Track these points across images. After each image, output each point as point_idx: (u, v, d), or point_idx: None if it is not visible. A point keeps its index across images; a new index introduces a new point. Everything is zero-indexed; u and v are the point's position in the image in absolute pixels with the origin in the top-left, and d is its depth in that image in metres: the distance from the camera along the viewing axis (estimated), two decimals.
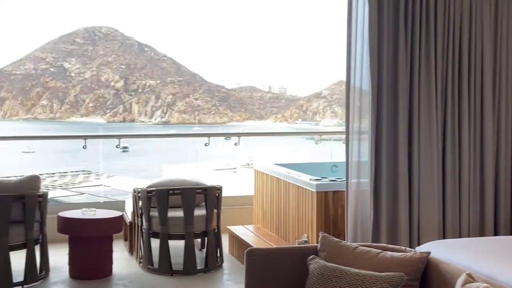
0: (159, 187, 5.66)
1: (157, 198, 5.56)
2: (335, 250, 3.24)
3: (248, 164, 25.29)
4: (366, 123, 4.84)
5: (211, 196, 5.66)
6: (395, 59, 4.83)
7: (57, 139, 14.35)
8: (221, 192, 5.82)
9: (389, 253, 3.14)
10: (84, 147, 6.89)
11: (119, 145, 7.15)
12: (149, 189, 5.68)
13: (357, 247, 3.23)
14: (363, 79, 4.84)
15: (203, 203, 5.73)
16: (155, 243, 5.64)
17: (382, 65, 4.80)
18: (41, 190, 5.52)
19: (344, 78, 4.93)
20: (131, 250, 6.22)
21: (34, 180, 5.49)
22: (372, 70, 4.74)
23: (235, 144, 7.26)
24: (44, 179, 34.28)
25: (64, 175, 30.93)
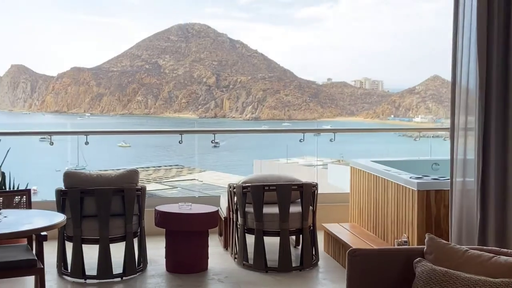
0: (255, 183, 5.61)
1: (252, 194, 5.51)
2: (443, 253, 3.06)
3: (339, 161, 24.99)
4: (472, 120, 4.59)
5: (306, 193, 5.56)
6: (506, 52, 4.54)
7: (154, 133, 14.75)
8: (316, 189, 5.70)
9: (503, 257, 2.93)
10: (180, 142, 6.97)
11: (214, 140, 7.21)
12: (244, 184, 5.63)
13: (467, 250, 3.04)
14: (470, 74, 4.59)
15: (298, 200, 5.63)
16: (250, 239, 5.60)
17: (492, 59, 4.53)
18: (139, 184, 5.60)
19: (440, 73, 4.67)
20: (226, 245, 6.22)
21: (132, 174, 5.58)
22: (480, 64, 4.49)
23: (331, 140, 7.10)
24: (139, 173, 35.35)
25: (158, 169, 31.78)
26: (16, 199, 5.08)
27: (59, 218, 4.37)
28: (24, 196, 5.11)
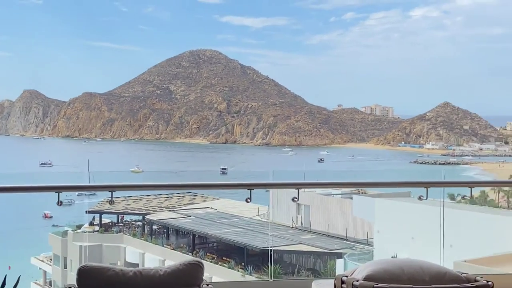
0: (394, 283, 3.64)
1: None
2: None
3: (358, 191, 24.75)
4: None
5: None
6: None
7: (219, 188, 10.08)
8: None
9: None
10: (248, 199, 5.70)
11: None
12: (375, 285, 3.66)
13: None
14: None
15: None
16: None
17: None
18: (204, 282, 3.63)
19: (450, 100, 4.45)
20: None
21: (194, 270, 3.59)
22: None
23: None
24: (151, 200, 35.32)
25: (171, 196, 31.65)
26: None
27: None
28: None
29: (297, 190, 5.14)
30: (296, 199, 5.12)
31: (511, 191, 38.50)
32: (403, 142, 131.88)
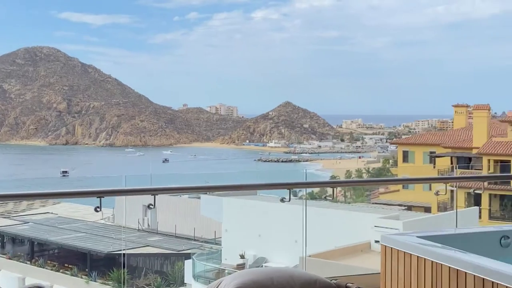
0: None
1: None
2: None
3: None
4: None
5: None
6: None
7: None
8: None
9: None
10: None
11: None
12: None
13: None
14: None
15: None
16: None
17: None
18: None
19: (291, 100, 4.25)
20: None
21: None
22: None
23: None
24: None
25: (6, 202, 29.57)
26: None
27: None
28: None
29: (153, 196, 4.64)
30: (152, 206, 4.61)
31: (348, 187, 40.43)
32: (247, 141, 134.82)
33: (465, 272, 3.43)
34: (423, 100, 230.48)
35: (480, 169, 36.46)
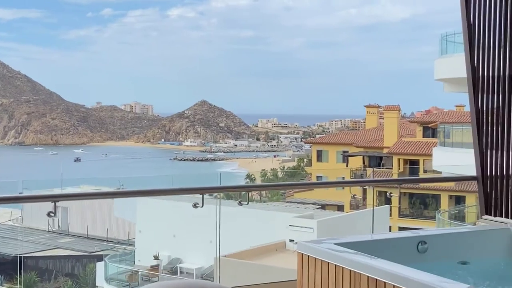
0: None
1: None
2: None
3: (118, 189, 24.01)
4: None
5: None
6: None
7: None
8: None
9: None
10: None
11: None
12: None
13: None
14: None
15: None
16: None
17: None
18: None
19: (207, 99, 4.16)
20: None
21: None
22: None
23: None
24: None
25: None
26: None
27: None
28: None
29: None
30: (52, 214, 4.30)
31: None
32: (163, 140, 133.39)
33: (384, 282, 3.38)
34: (337, 100, 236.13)
35: (391, 168, 37.66)
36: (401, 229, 33.01)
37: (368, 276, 3.49)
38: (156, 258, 21.63)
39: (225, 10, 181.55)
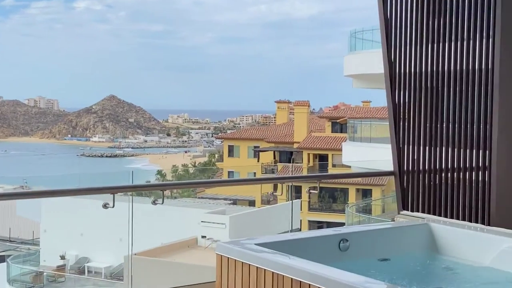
0: None
1: None
2: None
3: (23, 187, 22.98)
4: None
5: None
6: None
7: None
8: None
9: None
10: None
11: None
12: None
13: None
14: None
15: None
16: None
17: None
18: None
19: (116, 94, 3.98)
20: None
21: None
22: None
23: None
24: None
25: None
26: None
27: None
28: None
29: None
30: None
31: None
32: (69, 136, 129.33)
33: (309, 284, 3.24)
34: (247, 95, 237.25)
35: (301, 163, 38.20)
36: (311, 222, 33.60)
37: (292, 278, 3.35)
38: (63, 258, 20.90)
39: (134, 3, 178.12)
